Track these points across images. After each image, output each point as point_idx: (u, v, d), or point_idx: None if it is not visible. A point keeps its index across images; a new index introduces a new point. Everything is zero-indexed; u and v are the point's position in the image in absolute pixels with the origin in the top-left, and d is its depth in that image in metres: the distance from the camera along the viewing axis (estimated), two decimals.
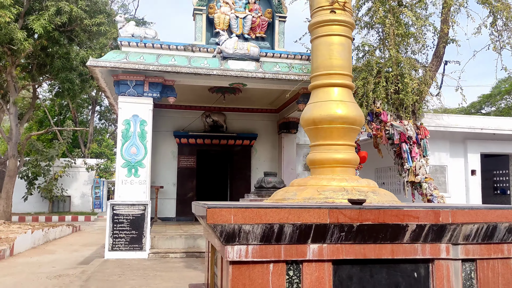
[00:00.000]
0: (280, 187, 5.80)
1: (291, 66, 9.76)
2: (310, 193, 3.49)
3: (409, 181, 8.28)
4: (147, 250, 8.65)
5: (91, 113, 36.63)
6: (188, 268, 7.38)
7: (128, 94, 9.23)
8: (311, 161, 3.87)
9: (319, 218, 2.77)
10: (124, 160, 9.05)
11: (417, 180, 8.18)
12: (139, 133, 9.19)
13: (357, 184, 3.57)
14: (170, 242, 9.02)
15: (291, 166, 14.01)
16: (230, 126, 14.26)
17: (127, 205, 8.75)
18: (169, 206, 13.74)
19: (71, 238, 15.42)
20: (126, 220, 8.66)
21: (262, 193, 5.75)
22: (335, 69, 3.86)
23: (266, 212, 2.72)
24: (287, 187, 3.81)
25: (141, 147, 9.14)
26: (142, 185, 9.03)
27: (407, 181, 8.33)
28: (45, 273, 8.32)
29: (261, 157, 14.47)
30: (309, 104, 3.94)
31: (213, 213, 2.67)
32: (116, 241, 8.57)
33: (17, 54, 15.55)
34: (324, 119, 3.75)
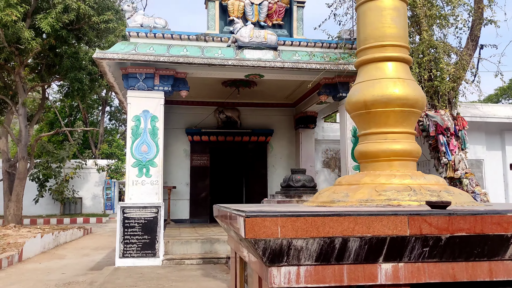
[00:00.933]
0: (311, 186, 5.08)
1: (312, 55, 9.01)
2: (366, 193, 2.76)
3: (447, 177, 7.49)
4: (161, 257, 7.98)
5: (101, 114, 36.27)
6: (207, 277, 6.68)
7: (137, 88, 8.56)
8: (362, 153, 3.14)
9: (396, 229, 2.04)
10: (135, 159, 8.39)
11: (457, 176, 7.40)
12: (150, 129, 8.52)
13: (424, 182, 2.83)
14: (186, 247, 8.34)
15: (309, 163, 13.27)
16: (244, 122, 13.55)
17: (139, 208, 8.08)
18: (182, 207, 13.09)
19: (82, 241, 14.89)
20: (137, 224, 8.00)
21: (291, 193, 5.03)
22: (388, 39, 3.12)
23: (325, 222, 2.00)
24: (333, 187, 3.08)
25: (153, 145, 8.47)
26: (154, 185, 8.36)
27: (445, 177, 7.53)
28: (53, 281, 7.79)
29: (277, 154, 13.75)
30: (357, 84, 3.21)
31: (254, 224, 1.96)
32: (128, 247, 7.92)
33: (25, 54, 15.14)
34: (378, 101, 3.01)
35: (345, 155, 9.12)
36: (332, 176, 13.96)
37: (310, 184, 5.17)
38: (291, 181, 5.16)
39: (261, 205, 3.69)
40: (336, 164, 14.04)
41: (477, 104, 9.93)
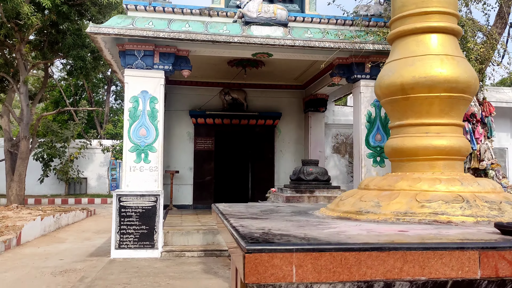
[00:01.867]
0: (324, 180, 4.45)
1: (325, 32, 8.27)
2: (404, 203, 2.14)
3: (471, 167, 6.83)
4: (160, 248, 7.46)
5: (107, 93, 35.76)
6: (207, 274, 6.14)
7: (135, 67, 7.91)
8: (396, 150, 2.50)
9: (462, 269, 1.42)
10: (132, 143, 7.80)
11: (482, 167, 6.74)
12: (149, 112, 7.91)
13: (478, 189, 2.19)
14: (186, 238, 7.80)
15: (319, 148, 12.63)
16: (251, 104, 12.89)
17: (136, 196, 7.53)
18: (186, 192, 12.56)
19: (84, 224, 14.50)
20: (135, 213, 7.46)
21: (301, 187, 4.41)
22: (434, 4, 2.45)
23: (360, 260, 1.38)
24: (359, 191, 2.46)
25: (152, 128, 7.87)
26: (153, 172, 7.78)
27: (468, 168, 6.88)
28: (50, 268, 7.38)
29: (285, 138, 13.11)
30: (391, 62, 2.54)
31: (258, 263, 1.34)
32: (124, 237, 7.39)
33: (25, 30, 14.54)
34: (420, 84, 2.35)
35: (358, 142, 8.46)
36: (342, 162, 13.33)
37: (324, 178, 4.55)
38: (302, 174, 4.53)
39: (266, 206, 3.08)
40: (346, 150, 13.39)
41: (504, 88, 9.18)
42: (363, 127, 8.42)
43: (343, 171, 13.27)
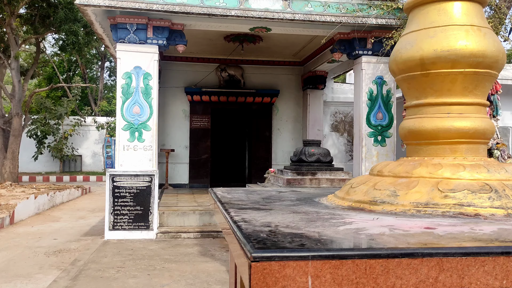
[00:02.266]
0: (327, 161, 4.22)
1: (326, 6, 7.92)
2: (424, 193, 1.91)
3: None
4: (155, 229, 7.27)
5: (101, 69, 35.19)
6: (204, 256, 5.97)
7: (128, 41, 7.56)
8: (413, 132, 2.25)
9: (507, 279, 1.20)
10: (126, 121, 7.52)
11: (487, 147, 6.50)
12: (143, 88, 7.60)
13: (506, 176, 1.96)
14: (182, 219, 7.62)
15: (317, 126, 12.39)
16: (248, 81, 12.57)
17: (130, 176, 7.30)
18: (181, 171, 12.34)
19: (79, 202, 14.35)
20: (129, 194, 7.24)
21: (303, 169, 4.18)
22: None
23: (388, 268, 1.15)
24: (372, 178, 2.22)
25: (146, 106, 7.58)
26: (148, 151, 7.54)
27: None
28: (43, 248, 7.25)
29: (283, 116, 12.84)
30: (408, 34, 2.27)
31: (267, 273, 1.11)
32: (118, 218, 7.19)
33: (15, 3, 14.03)
34: (443, 58, 2.09)
35: (359, 121, 8.22)
36: (341, 141, 13.11)
37: (326, 159, 4.32)
38: (303, 155, 4.30)
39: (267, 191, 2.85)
40: (345, 128, 13.16)
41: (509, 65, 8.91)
42: (364, 105, 8.17)
43: (341, 149, 13.07)
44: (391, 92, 8.25)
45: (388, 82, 8.24)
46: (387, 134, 8.21)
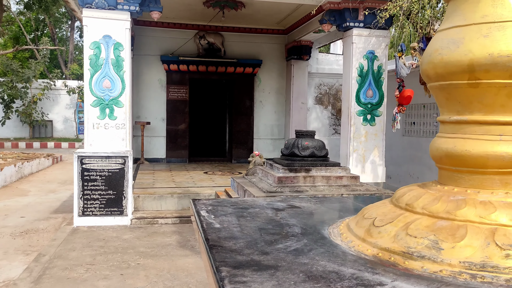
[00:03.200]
0: (322, 155, 3.74)
1: None
2: (478, 248, 1.46)
3: None
4: (129, 215, 6.76)
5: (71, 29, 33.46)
6: (183, 249, 5.52)
7: (96, 7, 6.77)
8: (450, 155, 1.78)
9: None
10: (95, 97, 6.84)
11: None
12: (113, 60, 6.89)
13: None
14: (159, 203, 7.11)
15: (301, 99, 11.88)
16: (229, 50, 11.85)
17: (101, 158, 6.69)
18: (158, 145, 11.75)
19: (50, 172, 13.66)
20: (100, 177, 6.66)
21: (295, 164, 3.70)
22: None
23: None
24: (396, 211, 1.75)
25: (117, 80, 6.90)
26: (121, 130, 6.91)
27: None
28: (9, 228, 6.74)
29: (265, 88, 12.26)
30: (450, 29, 1.75)
31: None
32: (88, 203, 6.63)
33: None
34: (500, 65, 1.60)
35: (348, 98, 7.74)
36: (325, 114, 12.66)
37: (321, 153, 3.85)
38: (296, 148, 3.80)
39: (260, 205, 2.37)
40: (329, 101, 12.69)
41: None
42: (353, 82, 7.67)
43: (325, 123, 12.64)
44: (382, 68, 7.76)
45: (379, 57, 7.73)
46: (377, 113, 7.78)
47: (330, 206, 2.53)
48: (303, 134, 3.93)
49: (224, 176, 9.32)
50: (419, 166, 9.64)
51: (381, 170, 7.85)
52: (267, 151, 12.12)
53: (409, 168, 9.91)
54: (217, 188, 7.71)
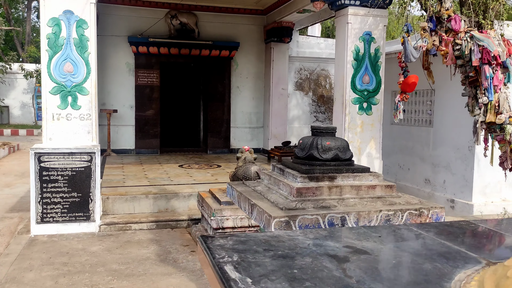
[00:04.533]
0: (346, 158, 2.96)
1: None
2: None
3: (486, 121, 5.66)
4: (98, 221, 5.81)
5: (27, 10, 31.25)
6: (165, 264, 4.67)
7: None
8: None
9: None
10: (55, 82, 5.81)
11: (499, 121, 5.58)
12: (76, 40, 5.86)
13: None
14: (132, 205, 6.20)
15: (281, 85, 11.10)
16: (204, 31, 10.87)
17: (63, 155, 5.70)
18: (126, 135, 10.72)
19: (6, 164, 12.37)
20: (62, 177, 5.67)
21: (316, 171, 2.91)
22: None
23: None
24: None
25: (81, 63, 5.88)
26: (85, 121, 5.93)
27: (482, 122, 5.70)
28: None
29: (243, 72, 11.38)
30: None
31: None
32: (48, 208, 5.65)
33: None
34: None
35: (342, 85, 7.01)
36: (305, 101, 11.93)
37: (345, 155, 3.07)
38: (315, 150, 3.01)
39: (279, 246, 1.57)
40: (310, 87, 11.95)
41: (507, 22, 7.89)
42: (349, 66, 6.93)
43: (306, 110, 11.92)
44: (379, 51, 7.05)
45: (377, 39, 7.01)
46: (374, 101, 7.09)
47: (408, 246, 1.76)
48: (322, 131, 3.14)
49: (202, 170, 8.45)
50: (410, 157, 9.07)
51: (377, 164, 7.20)
52: (245, 140, 11.32)
53: (399, 159, 9.34)
54: (197, 186, 6.86)
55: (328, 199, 2.91)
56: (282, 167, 3.28)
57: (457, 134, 7.99)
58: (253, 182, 3.56)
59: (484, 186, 7.69)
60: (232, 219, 4.85)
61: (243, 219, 4.88)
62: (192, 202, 6.37)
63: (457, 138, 7.98)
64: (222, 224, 4.81)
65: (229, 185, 3.57)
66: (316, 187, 2.91)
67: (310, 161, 3.11)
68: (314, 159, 3.10)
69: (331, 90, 12.01)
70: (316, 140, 3.15)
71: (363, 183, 3.04)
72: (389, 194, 3.05)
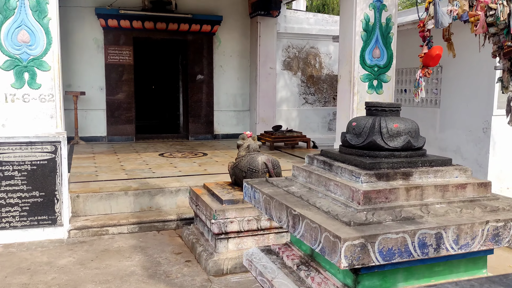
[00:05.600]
0: (419, 147, 2.06)
1: None
2: None
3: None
4: (66, 225, 4.76)
5: None
6: (155, 281, 3.70)
7: None
8: None
9: None
10: (7, 56, 4.67)
11: None
12: (33, 2, 4.72)
13: None
14: (108, 204, 5.16)
15: (269, 64, 10.15)
16: (182, 3, 9.75)
17: (20, 145, 4.60)
18: (96, 120, 9.57)
19: None
20: (19, 172, 4.58)
21: (383, 165, 2.01)
22: None
23: None
24: None
25: (39, 31, 4.75)
26: (48, 103, 4.82)
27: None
28: None
29: (226, 50, 10.35)
30: None
31: None
32: (4, 212, 4.55)
33: None
34: None
35: (349, 60, 6.11)
36: (294, 81, 11.02)
37: (418, 143, 2.19)
38: (378, 135, 2.12)
39: None
40: (299, 66, 11.03)
41: None
42: (357, 38, 6.03)
43: (294, 92, 11.01)
44: (391, 20, 6.17)
45: (388, 7, 6.12)
46: (385, 78, 6.24)
47: None
48: (385, 108, 2.23)
49: (186, 160, 7.44)
50: None
51: None
52: (230, 125, 10.35)
53: None
54: (185, 179, 5.87)
55: (406, 206, 2.01)
56: (328, 160, 2.35)
57: (468, 115, 7.28)
58: (281, 180, 2.62)
59: (499, 171, 7.04)
60: (238, 221, 3.91)
61: (250, 221, 3.94)
62: (181, 198, 5.38)
63: (469, 120, 7.26)
64: (226, 228, 3.86)
65: (250, 185, 2.62)
66: (389, 189, 2.00)
67: (371, 151, 2.20)
68: (377, 148, 2.19)
69: (321, 70, 11.13)
70: (379, 121, 2.23)
71: (448, 181, 2.16)
72: (484, 195, 2.18)
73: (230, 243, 3.98)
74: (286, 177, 2.66)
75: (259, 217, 3.98)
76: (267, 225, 4.02)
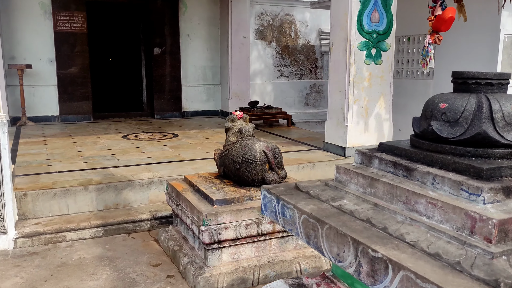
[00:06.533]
0: None
1: None
2: None
3: None
4: (11, 232, 3.79)
5: None
6: None
7: None
8: None
9: None
10: None
11: None
12: None
13: None
14: (65, 203, 4.20)
15: (242, 32, 9.21)
16: None
17: None
18: (47, 98, 8.39)
19: None
20: None
21: (505, 173, 1.25)
22: None
23: None
24: None
25: None
26: None
27: None
28: None
29: (194, 17, 9.30)
30: None
31: None
32: None
33: None
34: None
35: (344, 25, 5.31)
36: (268, 52, 10.14)
37: None
38: (488, 123, 1.36)
39: None
40: (273, 35, 10.14)
41: None
42: (355, 2, 5.23)
43: (269, 64, 10.14)
44: None
45: None
46: (384, 46, 5.50)
47: None
48: (491, 81, 1.44)
49: (155, 142, 6.50)
50: (402, 116, 7.71)
51: (387, 127, 5.72)
52: (199, 101, 9.42)
53: None
54: (157, 167, 4.97)
55: None
56: (403, 162, 1.56)
57: None
58: (319, 187, 1.81)
59: None
60: (234, 227, 3.09)
61: (249, 226, 3.14)
62: (154, 192, 4.50)
63: None
64: (219, 236, 3.04)
65: (269, 193, 1.81)
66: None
67: (478, 148, 1.42)
68: (487, 143, 1.42)
69: (296, 40, 10.29)
70: (487, 102, 1.45)
71: None
72: None
73: (224, 254, 3.17)
74: (326, 183, 1.85)
75: (259, 220, 3.18)
76: (269, 229, 3.24)
